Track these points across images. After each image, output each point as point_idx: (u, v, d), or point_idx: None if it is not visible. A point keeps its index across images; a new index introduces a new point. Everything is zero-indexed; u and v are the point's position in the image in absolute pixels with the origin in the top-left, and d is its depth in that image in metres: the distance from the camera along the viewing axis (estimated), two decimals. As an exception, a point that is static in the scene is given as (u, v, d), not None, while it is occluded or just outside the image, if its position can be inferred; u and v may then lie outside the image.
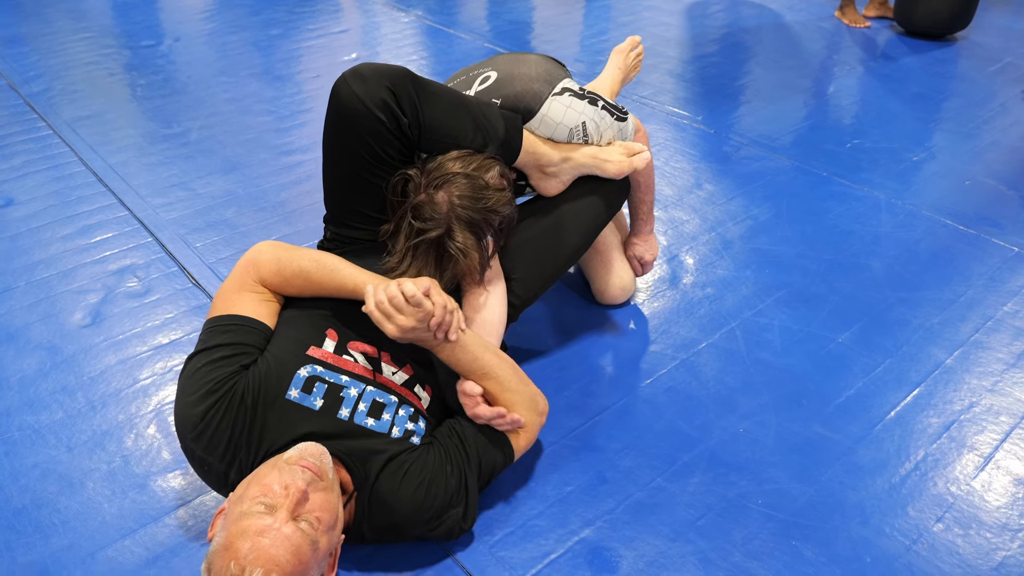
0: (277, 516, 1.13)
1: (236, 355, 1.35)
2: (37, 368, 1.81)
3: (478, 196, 1.47)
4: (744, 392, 1.77)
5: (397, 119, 1.43)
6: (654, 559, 1.41)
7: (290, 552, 1.10)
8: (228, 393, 1.30)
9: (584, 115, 1.67)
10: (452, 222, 1.46)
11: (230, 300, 1.43)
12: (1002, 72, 3.50)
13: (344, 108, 1.43)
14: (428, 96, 1.47)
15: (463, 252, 1.46)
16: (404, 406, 1.40)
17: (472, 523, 1.39)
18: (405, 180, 1.50)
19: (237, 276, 1.46)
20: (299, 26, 3.88)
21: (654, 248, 2.01)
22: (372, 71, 1.43)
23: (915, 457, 1.62)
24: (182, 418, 1.32)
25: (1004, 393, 1.78)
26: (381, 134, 1.44)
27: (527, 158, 1.64)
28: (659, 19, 4.08)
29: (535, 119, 1.65)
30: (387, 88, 1.41)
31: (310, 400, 1.33)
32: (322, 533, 1.16)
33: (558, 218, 1.70)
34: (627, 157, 1.70)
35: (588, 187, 1.73)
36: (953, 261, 2.22)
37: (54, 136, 2.80)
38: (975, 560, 1.42)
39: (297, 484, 1.16)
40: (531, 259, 1.66)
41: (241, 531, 1.11)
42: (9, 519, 1.47)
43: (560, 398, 1.75)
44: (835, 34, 3.93)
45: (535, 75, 1.68)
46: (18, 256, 2.18)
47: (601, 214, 1.75)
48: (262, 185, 2.54)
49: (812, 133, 2.93)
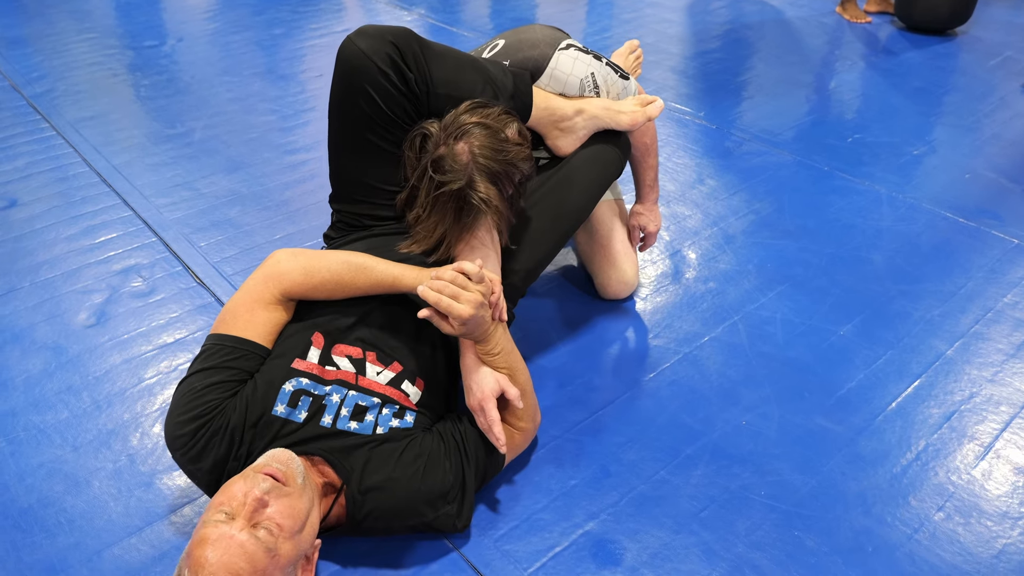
0: (234, 524, 1.14)
1: (230, 381, 1.34)
2: (42, 368, 1.82)
3: (498, 148, 1.44)
4: (747, 385, 1.78)
5: (403, 74, 1.42)
6: (658, 551, 1.42)
7: (243, 560, 1.11)
8: (217, 418, 1.31)
9: (592, 67, 1.69)
10: (473, 173, 1.42)
11: (240, 317, 1.39)
12: (1002, 66, 3.49)
13: (350, 65, 1.42)
14: (433, 54, 1.46)
15: (486, 202, 1.42)
16: (388, 405, 1.39)
17: (467, 522, 1.39)
18: (424, 136, 1.47)
19: (254, 289, 1.41)
20: (302, 25, 3.89)
21: (658, 219, 2.00)
22: (376, 29, 1.43)
23: (916, 447, 1.63)
24: (171, 436, 1.32)
25: (1004, 383, 1.79)
26: (387, 90, 1.42)
27: (541, 114, 1.63)
28: (661, 16, 4.09)
29: (544, 75, 1.66)
30: (392, 43, 1.41)
31: (295, 414, 1.34)
32: (283, 540, 1.17)
33: (558, 182, 1.68)
34: (641, 107, 1.69)
35: (589, 149, 1.70)
36: (954, 254, 2.23)
37: (57, 137, 2.82)
38: (976, 548, 1.43)
39: (254, 492, 1.17)
40: (531, 226, 1.64)
41: (200, 539, 1.13)
42: (15, 518, 1.48)
43: (563, 392, 1.76)
44: (836, 30, 3.93)
45: (540, 39, 1.69)
46: (22, 257, 2.19)
47: (602, 176, 1.71)
48: (266, 184, 2.55)
49: (814, 128, 2.93)
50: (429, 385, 1.47)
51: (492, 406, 1.39)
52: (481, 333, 1.40)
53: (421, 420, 1.43)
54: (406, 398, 1.42)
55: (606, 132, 1.72)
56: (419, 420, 1.42)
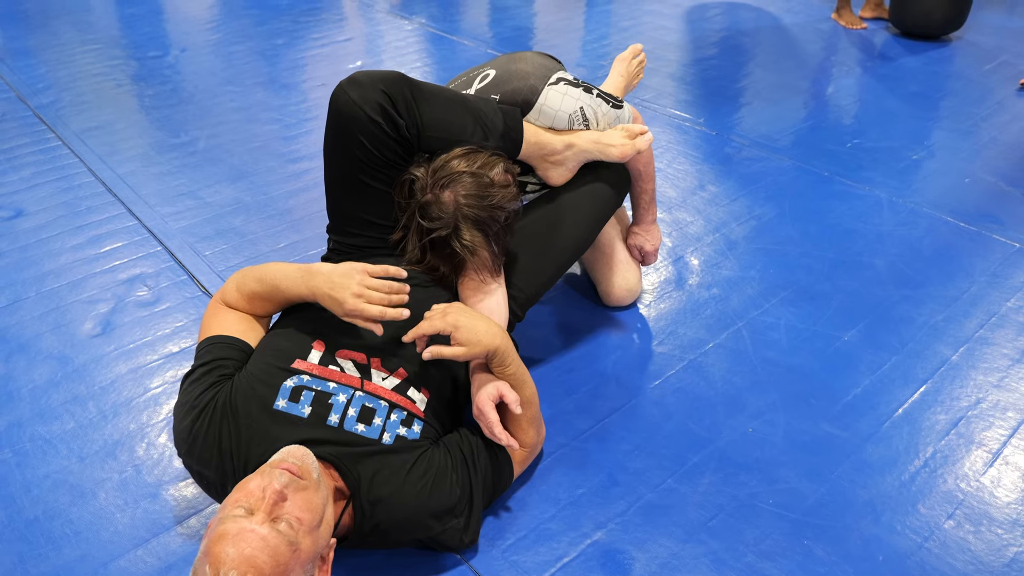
0: (254, 518, 1.13)
1: (212, 370, 1.40)
2: (48, 378, 1.82)
3: (484, 194, 1.50)
4: (752, 392, 1.78)
5: (394, 122, 1.47)
6: (667, 561, 1.42)
7: (266, 553, 1.09)
8: (210, 405, 1.34)
9: (581, 101, 1.70)
10: (459, 221, 1.49)
11: (207, 326, 1.50)
12: (998, 70, 3.51)
13: (342, 114, 1.48)
14: (424, 96, 1.51)
15: (471, 250, 1.49)
16: (396, 410, 1.39)
17: (474, 539, 1.39)
18: (411, 180, 1.53)
19: (211, 306, 1.54)
20: (304, 35, 3.90)
21: (655, 238, 2.01)
22: (367, 77, 1.48)
23: (924, 454, 1.63)
24: (176, 438, 1.37)
25: (1010, 389, 1.79)
26: (378, 137, 1.48)
27: (531, 149, 1.66)
28: (659, 23, 4.10)
29: (534, 110, 1.68)
30: (382, 92, 1.46)
31: (298, 408, 1.34)
32: (303, 534, 1.16)
33: (559, 214, 1.72)
34: (630, 140, 1.72)
35: (588, 181, 1.75)
36: (956, 258, 2.23)
37: (63, 147, 2.82)
38: (987, 557, 1.43)
39: (272, 486, 1.17)
40: (532, 255, 1.67)
41: (219, 535, 1.11)
42: (21, 530, 1.47)
43: (569, 400, 1.76)
44: (832, 36, 3.94)
45: (531, 70, 1.71)
46: (28, 267, 2.20)
47: (601, 208, 1.76)
48: (270, 193, 2.55)
49: (812, 133, 2.94)
50: (434, 394, 1.47)
51: (490, 408, 1.40)
52: (485, 352, 1.42)
53: (428, 432, 1.43)
54: (413, 404, 1.43)
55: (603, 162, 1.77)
56: (426, 431, 1.42)
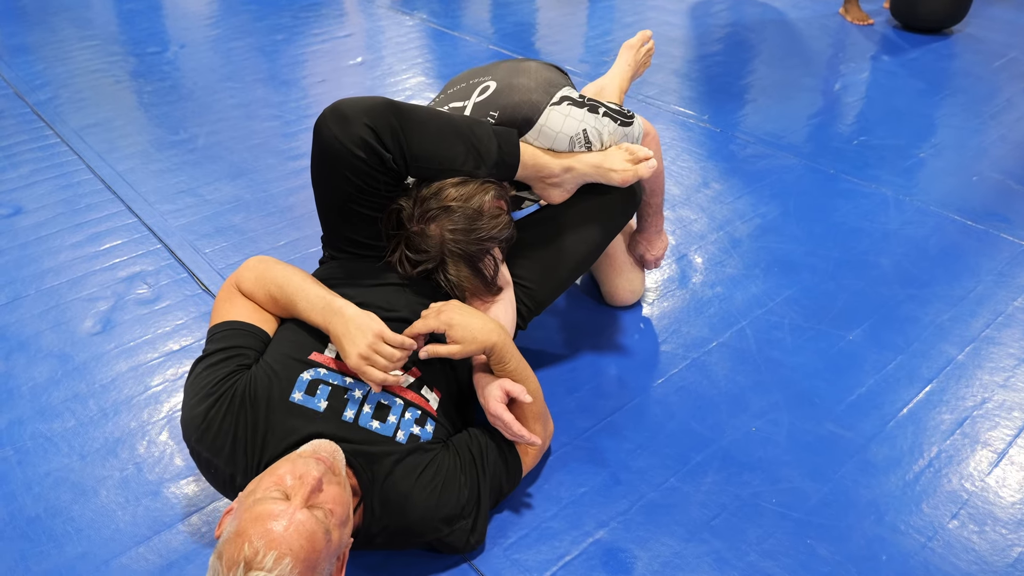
0: (292, 503, 1.11)
1: (232, 357, 1.37)
2: (48, 376, 1.81)
3: (471, 228, 1.45)
4: (756, 391, 1.77)
5: (379, 156, 1.39)
6: (669, 560, 1.41)
7: (304, 537, 1.08)
8: (228, 392, 1.32)
9: (584, 123, 1.62)
10: (445, 255, 1.46)
11: (223, 309, 1.46)
12: (1007, 67, 3.49)
13: (325, 153, 1.40)
14: (413, 125, 1.42)
15: (455, 286, 1.48)
16: (410, 408, 1.39)
17: (480, 539, 1.39)
18: (399, 211, 1.48)
19: (226, 288, 1.50)
20: (304, 31, 3.89)
21: (657, 248, 1.97)
22: (351, 108, 1.38)
23: (928, 454, 1.62)
24: (186, 421, 1.33)
25: (1016, 388, 1.78)
26: (364, 171, 1.40)
27: (527, 171, 1.61)
28: (663, 19, 4.08)
29: (533, 130, 1.62)
30: (366, 126, 1.36)
31: (314, 402, 1.33)
32: (335, 526, 1.15)
33: (568, 227, 1.69)
34: (632, 164, 1.64)
35: (598, 196, 1.69)
36: (962, 257, 2.22)
37: (61, 144, 2.81)
38: (991, 557, 1.42)
39: (312, 473, 1.15)
40: (541, 267, 1.66)
41: (255, 516, 1.09)
42: (23, 528, 1.47)
43: (572, 399, 1.75)
44: (839, 31, 3.92)
45: (534, 85, 1.64)
46: (27, 264, 2.19)
47: (610, 223, 1.72)
48: (270, 190, 2.54)
49: (818, 131, 2.93)
50: (445, 394, 1.48)
51: (503, 410, 1.39)
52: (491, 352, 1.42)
53: (440, 432, 1.43)
54: (427, 403, 1.42)
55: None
56: (438, 432, 1.42)
